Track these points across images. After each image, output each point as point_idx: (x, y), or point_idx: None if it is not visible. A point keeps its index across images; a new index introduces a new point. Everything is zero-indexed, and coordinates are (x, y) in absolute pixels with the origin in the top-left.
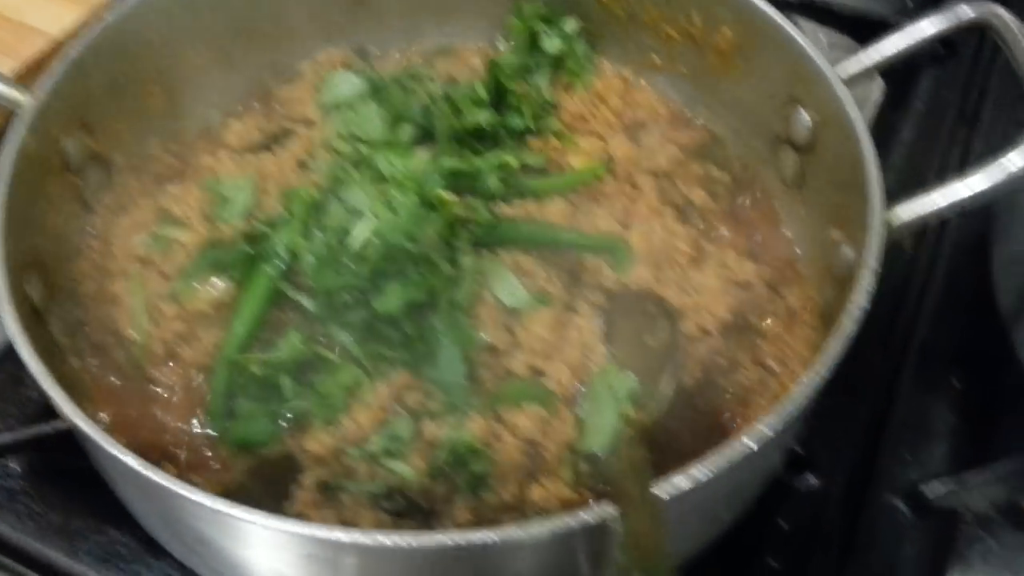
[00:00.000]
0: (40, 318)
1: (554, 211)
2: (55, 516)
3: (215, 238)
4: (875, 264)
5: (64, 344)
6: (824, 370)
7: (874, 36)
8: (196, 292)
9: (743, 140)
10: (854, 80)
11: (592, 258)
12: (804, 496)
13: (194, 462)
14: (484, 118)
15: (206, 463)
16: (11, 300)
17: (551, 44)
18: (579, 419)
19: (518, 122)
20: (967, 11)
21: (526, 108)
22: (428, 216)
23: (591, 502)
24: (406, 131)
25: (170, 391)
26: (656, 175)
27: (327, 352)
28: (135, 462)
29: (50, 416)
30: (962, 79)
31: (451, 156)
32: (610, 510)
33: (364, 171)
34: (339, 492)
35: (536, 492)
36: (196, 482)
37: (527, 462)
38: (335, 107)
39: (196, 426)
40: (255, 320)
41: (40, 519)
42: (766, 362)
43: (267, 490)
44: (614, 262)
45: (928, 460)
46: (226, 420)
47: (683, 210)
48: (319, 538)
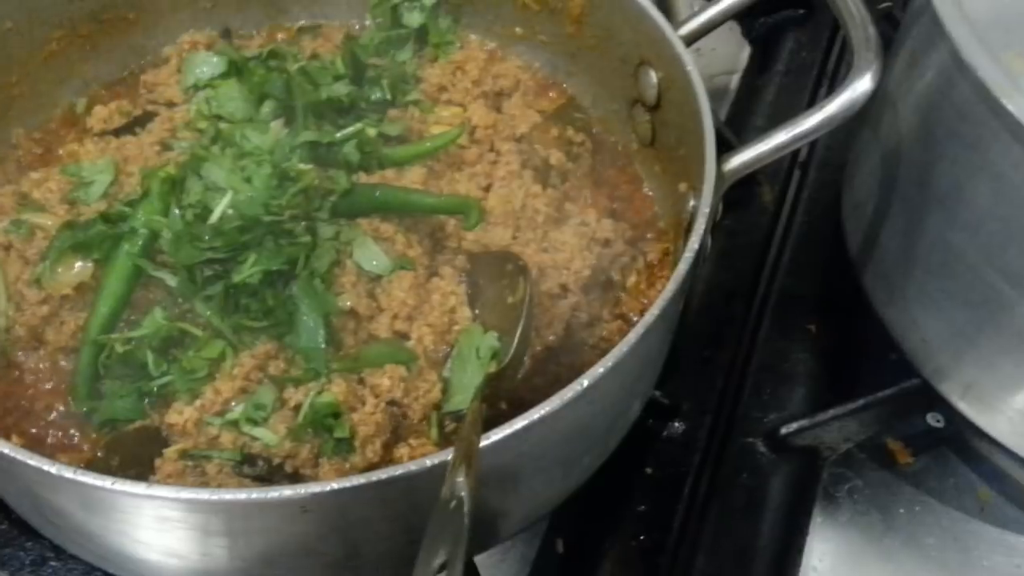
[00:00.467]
0: None
1: (414, 178)
2: None
3: (75, 220)
4: (707, 209)
5: None
6: (657, 310)
7: None
8: (59, 276)
9: (602, 103)
10: (694, 37)
11: (454, 222)
12: (670, 443)
13: (62, 443)
14: (342, 91)
15: (74, 444)
16: None
17: (411, 18)
18: (444, 379)
19: (378, 95)
20: None
21: (386, 81)
22: (284, 187)
23: None
24: (269, 108)
25: (36, 375)
26: (517, 140)
27: (191, 327)
28: None
29: None
30: (822, 42)
31: (310, 129)
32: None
33: (226, 148)
34: (203, 462)
35: (402, 451)
36: (63, 461)
37: (393, 423)
38: (197, 88)
39: (64, 407)
40: (118, 299)
41: None
42: (627, 315)
43: (133, 464)
44: (467, 223)
45: (787, 403)
46: (93, 400)
47: (543, 172)
48: (159, 497)
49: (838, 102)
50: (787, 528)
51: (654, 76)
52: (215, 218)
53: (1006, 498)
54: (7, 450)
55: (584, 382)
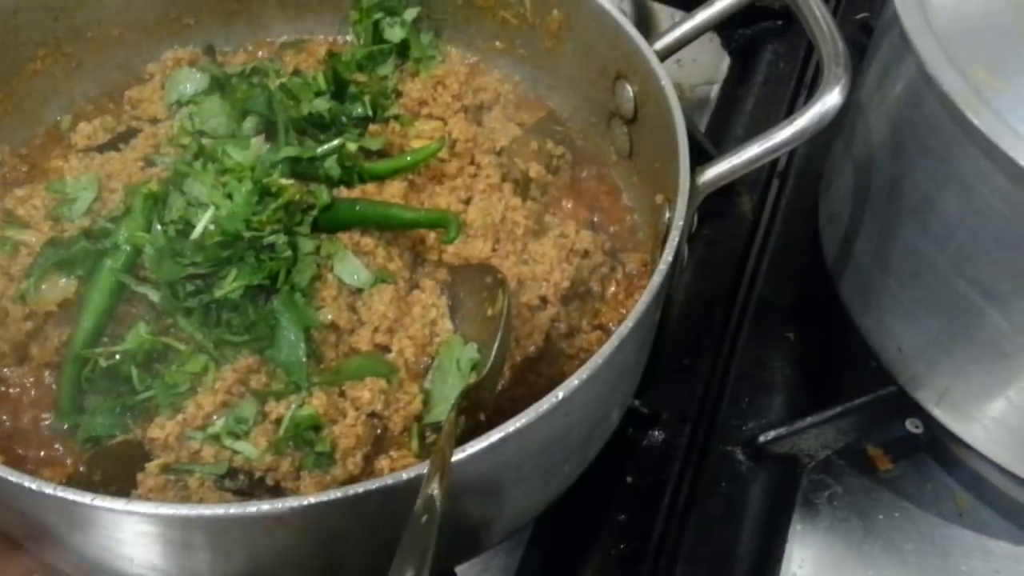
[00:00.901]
0: None
1: (395, 192)
2: None
3: (58, 237)
4: (681, 221)
5: None
6: (631, 321)
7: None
8: (43, 292)
9: (581, 116)
10: (671, 50)
11: (434, 236)
12: (649, 451)
13: (48, 458)
14: (323, 106)
15: (59, 458)
16: None
17: (393, 33)
18: (425, 391)
19: (360, 110)
20: None
21: (367, 96)
22: (265, 203)
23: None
24: (251, 124)
25: (21, 390)
26: (497, 153)
27: (175, 341)
28: None
29: None
30: (800, 53)
31: (292, 144)
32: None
33: (208, 164)
34: (185, 476)
35: (383, 463)
36: (46, 477)
37: (374, 435)
38: (180, 104)
39: (48, 422)
40: (101, 314)
41: None
42: (606, 325)
43: (115, 479)
44: (447, 237)
45: (766, 411)
46: (76, 415)
47: (522, 185)
48: (138, 513)
49: (808, 116)
50: (767, 535)
51: (630, 90)
52: (197, 234)
53: (984, 503)
54: None
55: (559, 394)
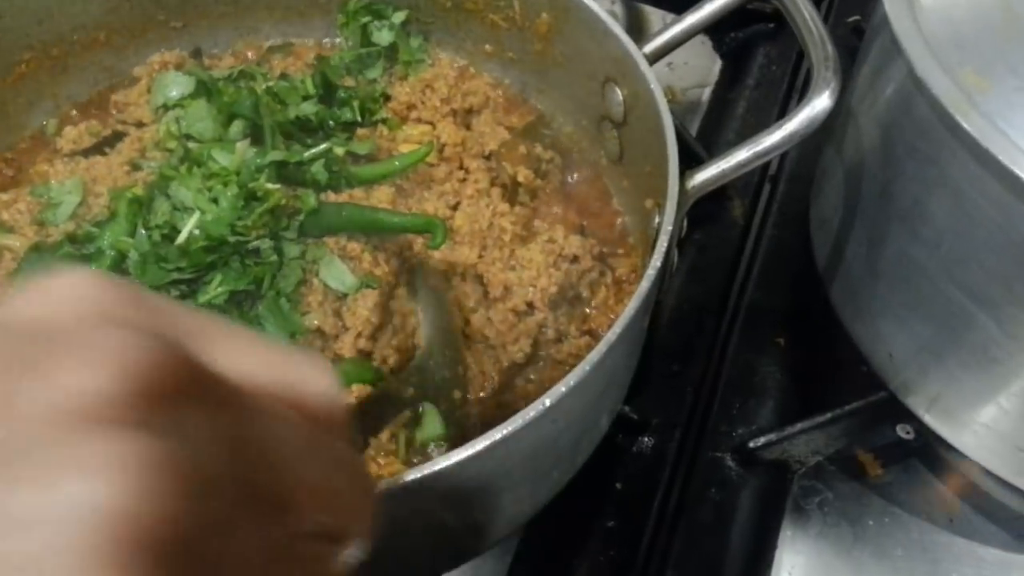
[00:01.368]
0: None
1: (382, 197)
2: None
3: (43, 242)
4: (670, 226)
5: None
6: (619, 328)
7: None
8: None
9: (571, 119)
10: (661, 53)
11: (422, 241)
12: (639, 458)
13: None
14: (310, 110)
15: None
16: None
17: (381, 36)
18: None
19: (348, 114)
20: None
21: (355, 100)
22: (251, 207)
23: None
24: (238, 127)
25: None
26: (486, 158)
27: None
28: None
29: None
30: (792, 56)
31: (278, 149)
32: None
33: (193, 168)
34: None
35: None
36: None
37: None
38: (167, 107)
39: None
40: None
41: None
42: (595, 331)
43: None
44: (433, 242)
45: (757, 417)
46: None
47: (511, 191)
48: None
49: (797, 120)
50: (757, 541)
51: (620, 93)
52: (182, 239)
53: (974, 509)
54: None
55: (546, 401)
